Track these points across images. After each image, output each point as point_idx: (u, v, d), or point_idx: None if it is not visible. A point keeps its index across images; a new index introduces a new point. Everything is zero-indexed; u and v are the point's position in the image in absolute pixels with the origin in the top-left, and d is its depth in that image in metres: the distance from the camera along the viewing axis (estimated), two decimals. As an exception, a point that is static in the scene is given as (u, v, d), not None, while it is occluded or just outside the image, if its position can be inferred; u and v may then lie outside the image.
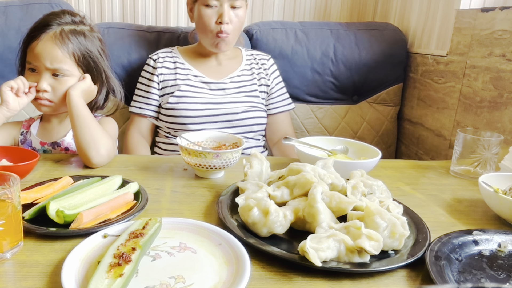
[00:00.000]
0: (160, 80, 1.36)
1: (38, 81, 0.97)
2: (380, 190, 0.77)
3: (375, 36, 1.70)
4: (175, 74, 1.36)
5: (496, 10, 1.27)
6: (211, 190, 0.84)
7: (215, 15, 1.27)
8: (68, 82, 0.99)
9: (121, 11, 1.79)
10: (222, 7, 1.27)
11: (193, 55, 1.41)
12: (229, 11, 1.28)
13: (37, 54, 0.97)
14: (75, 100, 0.96)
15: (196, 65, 1.39)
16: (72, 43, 0.99)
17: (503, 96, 1.24)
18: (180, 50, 1.43)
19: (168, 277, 0.53)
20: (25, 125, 1.10)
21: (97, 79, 1.06)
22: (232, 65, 1.42)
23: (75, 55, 1.00)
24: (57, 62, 0.97)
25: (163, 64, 1.37)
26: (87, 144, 0.93)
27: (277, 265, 0.59)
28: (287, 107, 1.48)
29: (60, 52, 0.97)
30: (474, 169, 1.00)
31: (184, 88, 1.34)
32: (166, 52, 1.41)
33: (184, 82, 1.35)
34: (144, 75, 1.39)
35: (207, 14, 1.27)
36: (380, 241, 0.58)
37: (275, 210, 0.63)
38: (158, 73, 1.36)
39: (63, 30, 0.99)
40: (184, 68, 1.38)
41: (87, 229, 0.63)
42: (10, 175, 0.59)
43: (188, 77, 1.36)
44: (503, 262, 0.61)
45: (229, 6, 1.28)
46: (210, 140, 0.99)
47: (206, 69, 1.39)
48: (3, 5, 1.45)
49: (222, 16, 1.26)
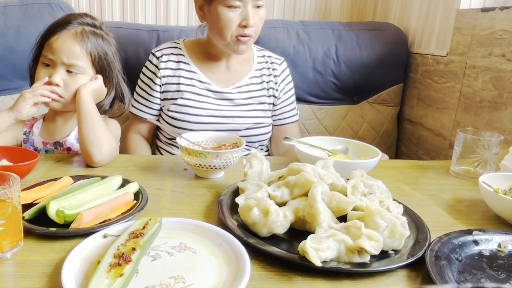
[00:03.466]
0: (162, 83, 1.27)
1: (51, 75, 0.99)
2: (380, 190, 0.77)
3: (377, 36, 1.70)
4: (179, 77, 1.27)
5: (496, 10, 1.27)
6: (211, 190, 0.84)
7: (238, 17, 1.15)
8: (80, 79, 1.01)
9: (121, 11, 1.79)
10: (246, 8, 1.15)
11: (201, 55, 1.30)
12: (253, 12, 1.16)
13: (55, 48, 0.98)
14: (85, 98, 0.98)
15: (203, 68, 1.29)
16: (91, 42, 1.02)
17: (503, 96, 1.24)
18: (187, 45, 1.32)
19: (168, 277, 0.53)
20: (28, 125, 1.10)
21: (108, 82, 1.08)
22: (242, 70, 1.32)
23: (92, 54, 1.02)
24: (74, 58, 0.99)
25: (167, 64, 1.27)
26: (90, 141, 0.94)
27: (277, 265, 0.59)
28: (294, 118, 1.40)
29: (79, 48, 1.00)
30: (474, 169, 1.00)
31: (187, 96, 1.25)
32: (170, 48, 1.30)
33: (188, 88, 1.26)
34: (146, 73, 1.30)
35: (229, 16, 1.14)
36: (380, 241, 0.58)
37: (275, 210, 0.63)
38: (161, 75, 1.27)
39: (84, 30, 1.02)
40: (189, 71, 1.28)
41: (87, 229, 0.63)
42: (10, 175, 0.59)
43: (193, 83, 1.27)
44: (503, 262, 0.61)
45: (253, 7, 1.16)
46: (210, 140, 0.99)
47: (213, 74, 1.29)
48: (2, 5, 1.45)
49: (248, 19, 1.14)
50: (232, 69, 1.31)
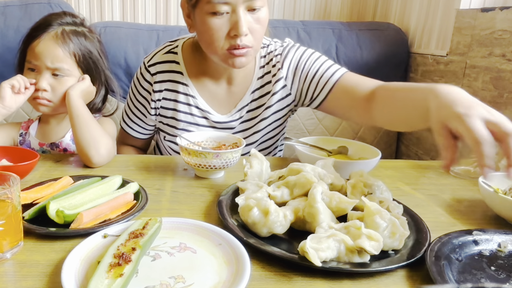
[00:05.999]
0: (157, 106, 1.12)
1: (37, 80, 0.97)
2: (380, 190, 0.76)
3: (377, 36, 1.70)
4: (175, 102, 1.10)
5: (496, 10, 1.27)
6: (211, 190, 0.84)
7: (226, 24, 0.92)
8: (67, 82, 0.99)
9: (121, 11, 1.79)
10: (235, 14, 0.91)
11: (199, 71, 1.09)
12: (246, 16, 0.92)
13: (38, 53, 0.97)
14: (74, 101, 0.96)
15: (203, 90, 1.09)
16: (73, 43, 1.00)
17: (503, 96, 1.24)
18: (185, 52, 1.10)
19: (168, 277, 0.53)
20: (24, 126, 1.10)
21: (96, 80, 1.06)
22: (243, 84, 1.11)
23: (75, 55, 1.00)
24: (58, 61, 0.97)
25: (162, 85, 1.09)
26: (87, 143, 0.93)
27: (277, 265, 0.59)
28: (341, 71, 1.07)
29: (61, 51, 0.98)
30: (474, 169, 1.00)
31: (182, 126, 1.10)
32: (166, 63, 1.09)
33: (185, 118, 1.10)
34: (139, 89, 1.12)
35: (213, 24, 0.92)
36: (380, 241, 0.58)
37: (275, 210, 0.63)
38: (156, 98, 1.10)
39: (64, 30, 1.00)
40: (187, 94, 1.09)
41: (87, 229, 0.63)
42: (10, 175, 0.59)
43: (191, 110, 1.10)
44: (503, 262, 0.61)
45: (245, 10, 0.92)
46: (210, 140, 0.98)
47: (214, 98, 1.10)
48: (2, 5, 1.45)
49: (237, 26, 0.91)
50: (234, 84, 1.10)
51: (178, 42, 1.12)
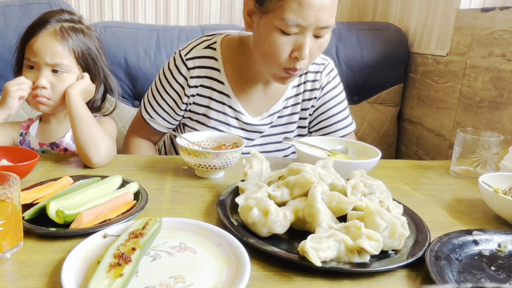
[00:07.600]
0: (190, 102, 1.10)
1: (37, 78, 0.96)
2: (380, 190, 0.76)
3: (377, 36, 1.70)
4: (209, 98, 1.08)
5: (496, 10, 1.27)
6: (211, 190, 0.84)
7: (291, 44, 0.92)
8: (67, 79, 0.98)
9: (121, 11, 1.79)
10: (303, 36, 0.90)
11: (236, 71, 1.07)
12: (311, 42, 0.92)
13: (36, 50, 0.96)
14: (74, 100, 0.96)
15: (238, 90, 1.08)
16: (72, 39, 0.99)
17: (503, 96, 1.24)
18: (223, 53, 1.07)
19: (168, 277, 0.53)
20: (24, 126, 1.09)
21: (96, 77, 1.05)
22: (279, 90, 1.12)
23: (75, 51, 1.00)
24: (58, 57, 0.97)
25: (198, 80, 1.06)
26: (87, 144, 0.93)
27: (277, 265, 0.59)
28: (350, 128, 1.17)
29: (61, 47, 0.97)
30: (474, 169, 1.00)
31: (213, 124, 1.09)
32: (205, 58, 1.06)
33: (218, 116, 1.09)
34: (171, 81, 1.09)
35: (281, 42, 0.91)
36: (380, 241, 0.58)
37: (275, 210, 0.63)
38: (190, 93, 1.08)
39: (63, 27, 0.99)
40: (223, 93, 1.07)
41: (87, 229, 0.63)
42: (10, 175, 0.59)
43: (224, 109, 1.08)
44: (503, 262, 0.61)
45: (312, 36, 0.92)
46: (210, 140, 0.98)
47: (248, 100, 1.09)
48: (2, 5, 1.45)
49: (301, 50, 0.91)
50: (271, 88, 1.10)
51: (216, 38, 1.09)
